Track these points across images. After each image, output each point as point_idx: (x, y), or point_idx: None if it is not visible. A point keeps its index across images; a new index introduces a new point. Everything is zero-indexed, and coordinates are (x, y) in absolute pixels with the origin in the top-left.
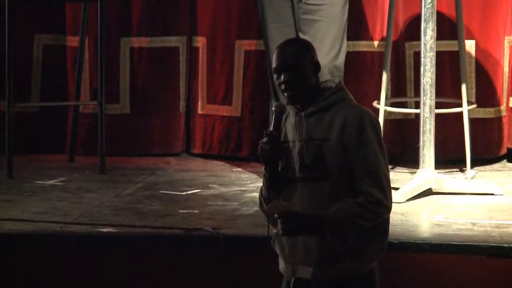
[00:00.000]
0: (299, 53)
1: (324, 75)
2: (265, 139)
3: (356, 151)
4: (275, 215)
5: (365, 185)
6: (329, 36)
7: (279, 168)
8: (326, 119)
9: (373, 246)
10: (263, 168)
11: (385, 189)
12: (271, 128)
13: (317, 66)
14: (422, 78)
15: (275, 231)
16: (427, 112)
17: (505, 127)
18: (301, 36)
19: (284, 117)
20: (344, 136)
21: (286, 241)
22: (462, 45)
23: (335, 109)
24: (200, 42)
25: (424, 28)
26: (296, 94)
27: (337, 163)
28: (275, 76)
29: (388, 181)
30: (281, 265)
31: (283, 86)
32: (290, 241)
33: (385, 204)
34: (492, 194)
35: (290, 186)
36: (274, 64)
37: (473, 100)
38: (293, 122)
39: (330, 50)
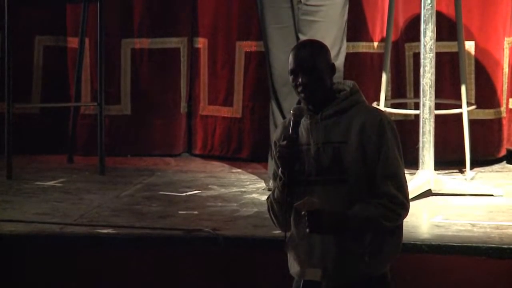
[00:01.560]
0: (316, 55)
1: None
2: (284, 143)
3: (376, 155)
4: (303, 213)
5: (387, 188)
6: (328, 37)
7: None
8: (343, 122)
9: (389, 249)
10: (279, 171)
11: (406, 192)
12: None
13: (332, 68)
14: (421, 79)
15: (280, 232)
16: (426, 113)
17: (505, 128)
18: (301, 37)
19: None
20: (363, 139)
21: (301, 245)
22: (461, 46)
23: (352, 111)
24: (201, 43)
25: (423, 29)
26: (312, 96)
27: (355, 165)
28: (291, 77)
29: (406, 184)
30: (294, 268)
31: (300, 88)
32: (307, 245)
33: (406, 206)
34: (492, 195)
35: (305, 189)
36: (291, 66)
37: (473, 101)
38: (306, 125)
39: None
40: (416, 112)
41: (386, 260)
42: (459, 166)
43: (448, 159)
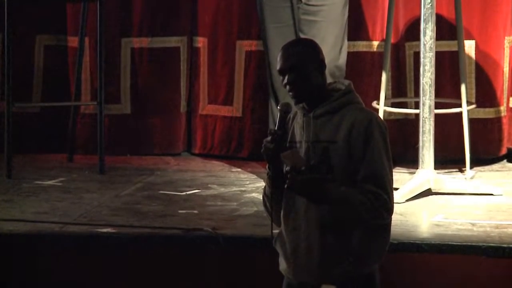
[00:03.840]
0: (302, 54)
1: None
2: (269, 138)
3: (363, 155)
4: (286, 169)
5: (369, 188)
6: (329, 36)
7: (286, 168)
8: (334, 121)
9: (375, 248)
10: (267, 167)
11: (389, 194)
12: (274, 127)
13: (322, 66)
14: (421, 78)
15: (276, 231)
16: (426, 112)
17: (505, 127)
18: (302, 36)
19: (291, 116)
20: (351, 139)
21: (288, 242)
22: (461, 45)
23: (343, 111)
24: (201, 42)
25: (423, 28)
26: (300, 94)
27: (343, 165)
28: (280, 77)
29: (391, 186)
30: (282, 265)
31: (287, 87)
32: (293, 242)
33: (388, 206)
34: (492, 195)
35: None
36: (278, 66)
37: (473, 100)
38: (301, 122)
39: (331, 51)
40: (416, 111)
41: (372, 261)
42: (459, 165)
43: (448, 158)
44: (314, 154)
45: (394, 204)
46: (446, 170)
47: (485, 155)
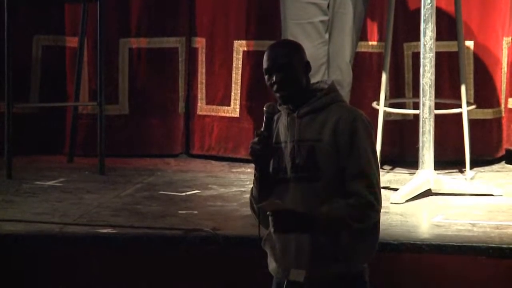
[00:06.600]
0: (290, 54)
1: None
2: (255, 139)
3: (348, 153)
4: (268, 213)
5: (355, 187)
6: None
7: (271, 169)
8: (319, 120)
9: (365, 247)
10: (254, 168)
11: (376, 192)
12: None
13: (307, 66)
14: (421, 79)
15: (267, 231)
16: (426, 113)
17: (504, 128)
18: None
19: (276, 117)
20: (336, 137)
21: (277, 242)
22: (461, 46)
23: (328, 110)
24: (199, 42)
25: (423, 28)
26: (287, 94)
27: (329, 164)
28: (266, 77)
29: (378, 183)
30: (272, 265)
31: (274, 87)
32: (282, 242)
33: (376, 207)
34: (492, 195)
35: (281, 186)
36: (265, 65)
37: (472, 101)
38: (285, 122)
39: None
40: (415, 111)
41: (362, 259)
42: (458, 165)
43: (448, 158)
44: (299, 153)
45: (394, 204)
46: (446, 171)
47: (485, 156)
